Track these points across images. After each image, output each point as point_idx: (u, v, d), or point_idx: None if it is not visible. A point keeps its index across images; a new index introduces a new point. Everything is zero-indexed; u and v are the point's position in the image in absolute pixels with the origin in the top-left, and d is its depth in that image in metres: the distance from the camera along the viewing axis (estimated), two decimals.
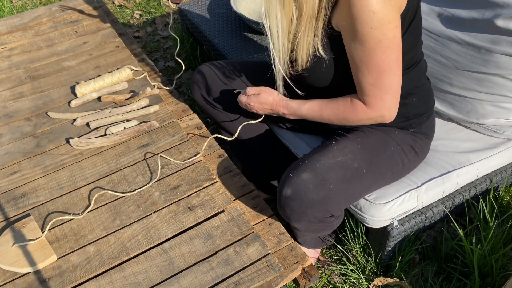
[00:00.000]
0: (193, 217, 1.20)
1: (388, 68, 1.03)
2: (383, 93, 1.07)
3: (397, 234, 1.34)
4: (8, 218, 1.22)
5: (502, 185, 1.53)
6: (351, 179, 1.15)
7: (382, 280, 1.43)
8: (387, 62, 1.02)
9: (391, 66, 1.03)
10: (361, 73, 1.06)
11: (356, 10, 0.96)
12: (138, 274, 1.08)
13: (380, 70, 1.03)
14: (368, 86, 1.07)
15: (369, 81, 1.06)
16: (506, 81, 1.35)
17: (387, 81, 1.05)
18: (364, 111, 1.11)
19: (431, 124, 1.29)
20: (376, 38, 0.98)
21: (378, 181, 1.23)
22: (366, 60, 1.03)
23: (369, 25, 0.97)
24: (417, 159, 1.29)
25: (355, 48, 1.02)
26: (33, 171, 1.33)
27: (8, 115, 1.51)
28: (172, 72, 2.42)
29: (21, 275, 1.09)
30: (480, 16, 1.32)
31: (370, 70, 1.04)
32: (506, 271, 1.39)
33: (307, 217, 1.14)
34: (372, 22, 0.96)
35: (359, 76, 1.07)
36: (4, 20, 1.96)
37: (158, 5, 2.98)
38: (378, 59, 1.02)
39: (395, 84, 1.07)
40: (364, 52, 1.01)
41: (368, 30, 0.97)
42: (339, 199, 1.14)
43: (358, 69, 1.06)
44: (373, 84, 1.06)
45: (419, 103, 1.23)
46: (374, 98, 1.08)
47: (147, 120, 1.46)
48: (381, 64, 1.03)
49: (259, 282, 1.06)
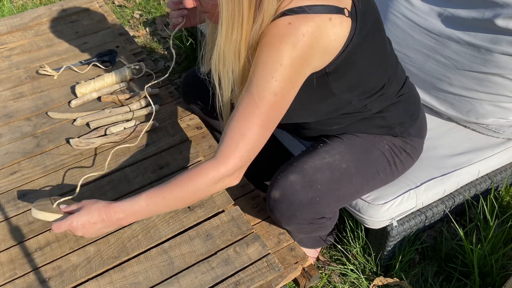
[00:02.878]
0: (193, 217, 1.20)
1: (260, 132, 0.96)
2: (238, 150, 0.96)
3: (396, 234, 1.34)
4: (8, 218, 1.22)
5: (502, 185, 1.53)
6: (339, 179, 1.14)
7: (382, 280, 1.43)
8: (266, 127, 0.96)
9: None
10: (232, 122, 0.96)
11: (261, 55, 0.91)
12: (138, 274, 1.08)
13: (252, 131, 0.95)
14: (228, 138, 0.96)
15: (235, 130, 0.96)
16: (506, 81, 1.35)
17: (249, 142, 0.96)
18: (215, 176, 0.97)
19: (419, 126, 1.26)
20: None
21: (369, 181, 1.22)
22: (249, 109, 0.94)
23: (271, 75, 0.91)
24: (410, 159, 1.27)
25: (243, 93, 0.96)
26: (33, 171, 1.33)
27: (8, 115, 1.51)
28: (172, 72, 2.42)
29: (21, 275, 1.09)
30: (480, 16, 1.33)
31: (241, 121, 0.94)
32: (506, 271, 1.39)
33: (297, 219, 1.14)
34: (275, 73, 0.91)
35: (227, 126, 0.97)
36: (4, 20, 1.96)
37: (158, 5, 2.98)
38: (262, 119, 0.94)
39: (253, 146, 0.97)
40: (250, 101, 0.94)
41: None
42: (328, 200, 1.14)
43: (232, 118, 0.96)
44: (231, 137, 0.96)
45: (399, 112, 1.19)
46: (230, 152, 0.96)
47: (147, 120, 1.46)
48: (258, 129, 0.95)
49: (259, 282, 1.06)
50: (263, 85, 0.92)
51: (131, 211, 1.01)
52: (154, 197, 1.00)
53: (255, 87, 0.93)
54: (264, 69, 0.91)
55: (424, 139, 1.31)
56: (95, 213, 1.01)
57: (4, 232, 1.18)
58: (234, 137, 0.95)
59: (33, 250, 1.14)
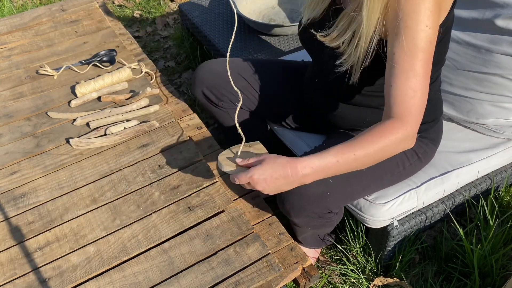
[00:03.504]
0: (193, 217, 1.20)
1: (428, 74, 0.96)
2: (422, 104, 0.97)
3: (397, 234, 1.34)
4: (8, 218, 1.22)
5: (502, 185, 1.53)
6: (350, 176, 1.16)
7: (382, 280, 1.43)
8: (429, 68, 0.96)
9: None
10: (400, 79, 0.95)
11: (410, 6, 0.91)
12: (138, 274, 1.08)
13: (425, 78, 0.96)
14: (409, 92, 0.95)
15: (411, 87, 0.95)
16: (506, 81, 1.35)
17: (426, 90, 0.97)
18: (404, 134, 0.95)
19: (438, 129, 1.30)
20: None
21: (376, 181, 1.23)
22: (413, 62, 0.94)
23: (425, 23, 0.92)
24: (419, 163, 1.29)
25: (401, 46, 0.94)
26: (33, 171, 1.33)
27: (8, 115, 1.51)
28: (172, 72, 2.42)
29: (21, 275, 1.09)
30: (480, 16, 1.32)
31: (416, 75, 0.94)
32: (506, 271, 1.39)
33: (306, 212, 1.15)
34: (428, 20, 0.92)
35: (397, 83, 0.95)
36: (4, 20, 1.96)
37: (158, 5, 2.98)
38: (425, 65, 0.95)
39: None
40: (413, 53, 0.93)
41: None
42: (337, 195, 1.15)
43: (397, 75, 0.95)
44: (414, 91, 0.95)
45: (428, 112, 1.18)
46: (415, 111, 0.96)
47: (147, 120, 1.46)
48: (427, 71, 0.96)
49: (259, 282, 1.06)
50: (419, 36, 0.91)
51: (320, 166, 0.95)
52: (344, 153, 0.95)
53: (411, 40, 0.91)
54: (416, 20, 0.90)
55: (437, 148, 1.32)
56: (278, 168, 0.95)
57: (4, 232, 1.18)
58: (408, 94, 0.93)
59: (33, 250, 1.14)
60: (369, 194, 1.28)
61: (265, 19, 2.14)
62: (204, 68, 1.44)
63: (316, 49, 1.19)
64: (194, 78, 1.45)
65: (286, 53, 1.94)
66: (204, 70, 1.44)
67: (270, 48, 1.98)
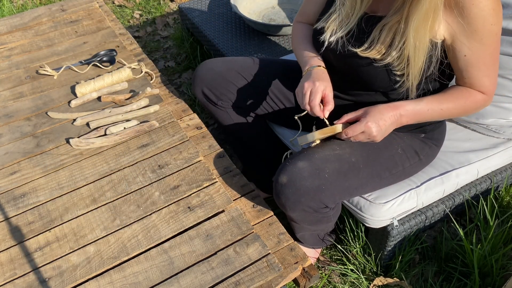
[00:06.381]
0: (193, 217, 1.20)
1: (497, 56, 1.09)
2: (495, 79, 1.12)
3: (397, 234, 1.34)
4: (8, 218, 1.22)
5: (502, 185, 1.53)
6: (347, 172, 1.16)
7: (382, 280, 1.43)
8: (497, 51, 1.09)
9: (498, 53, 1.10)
10: (476, 68, 1.08)
11: (477, 10, 1.00)
12: (138, 274, 1.08)
13: (495, 61, 1.09)
14: (484, 78, 1.10)
15: (485, 74, 1.09)
16: (506, 81, 1.35)
17: (497, 66, 1.11)
18: (484, 99, 1.13)
19: (442, 130, 1.31)
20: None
21: (375, 178, 1.23)
22: (484, 55, 1.06)
23: (490, 22, 1.02)
24: (420, 164, 1.29)
25: (471, 47, 1.05)
26: (33, 171, 1.33)
27: (8, 115, 1.51)
28: (172, 72, 2.42)
29: (21, 275, 1.09)
30: None
31: (487, 64, 1.08)
32: (506, 271, 1.39)
33: (302, 205, 1.15)
34: (492, 18, 1.02)
35: (473, 72, 1.09)
36: (4, 20, 1.96)
37: (158, 5, 2.98)
38: (494, 51, 1.07)
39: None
40: (483, 48, 1.05)
41: (489, 27, 1.03)
42: (333, 190, 1.15)
43: (473, 66, 1.08)
44: (488, 75, 1.10)
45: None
46: (493, 86, 1.12)
47: (147, 120, 1.46)
48: (496, 55, 1.09)
49: (259, 282, 1.06)
50: (488, 34, 1.03)
51: (414, 110, 1.11)
52: (434, 104, 1.12)
53: (481, 38, 1.03)
54: (484, 20, 1.01)
55: (439, 149, 1.33)
56: (385, 111, 1.09)
57: (4, 232, 1.18)
58: (491, 76, 1.10)
59: (33, 250, 1.14)
60: (367, 192, 1.27)
61: (265, 19, 2.14)
62: (204, 67, 1.44)
63: (353, 65, 1.17)
64: (194, 77, 1.45)
65: (286, 53, 1.94)
66: (204, 69, 1.43)
67: (270, 48, 1.98)
